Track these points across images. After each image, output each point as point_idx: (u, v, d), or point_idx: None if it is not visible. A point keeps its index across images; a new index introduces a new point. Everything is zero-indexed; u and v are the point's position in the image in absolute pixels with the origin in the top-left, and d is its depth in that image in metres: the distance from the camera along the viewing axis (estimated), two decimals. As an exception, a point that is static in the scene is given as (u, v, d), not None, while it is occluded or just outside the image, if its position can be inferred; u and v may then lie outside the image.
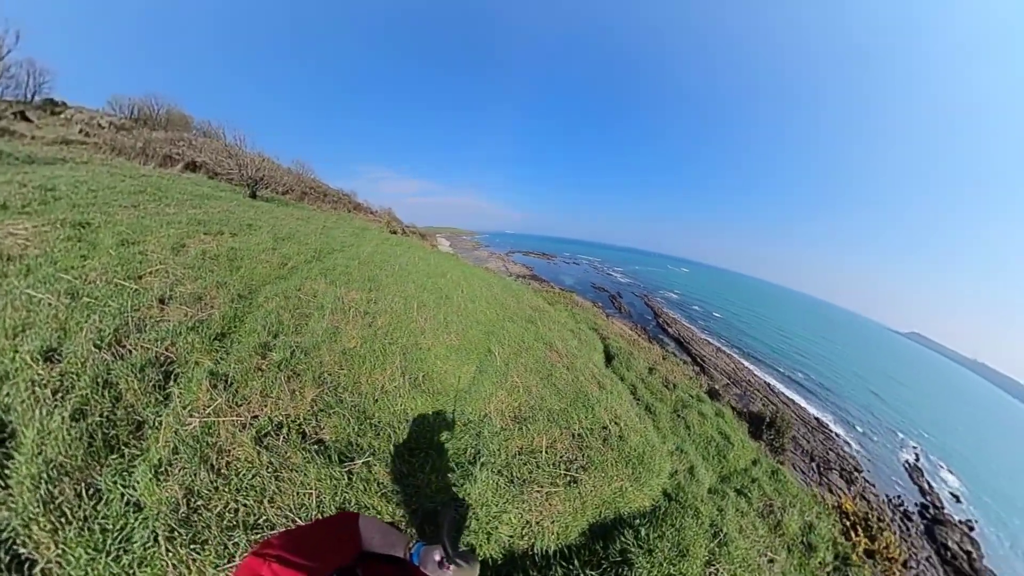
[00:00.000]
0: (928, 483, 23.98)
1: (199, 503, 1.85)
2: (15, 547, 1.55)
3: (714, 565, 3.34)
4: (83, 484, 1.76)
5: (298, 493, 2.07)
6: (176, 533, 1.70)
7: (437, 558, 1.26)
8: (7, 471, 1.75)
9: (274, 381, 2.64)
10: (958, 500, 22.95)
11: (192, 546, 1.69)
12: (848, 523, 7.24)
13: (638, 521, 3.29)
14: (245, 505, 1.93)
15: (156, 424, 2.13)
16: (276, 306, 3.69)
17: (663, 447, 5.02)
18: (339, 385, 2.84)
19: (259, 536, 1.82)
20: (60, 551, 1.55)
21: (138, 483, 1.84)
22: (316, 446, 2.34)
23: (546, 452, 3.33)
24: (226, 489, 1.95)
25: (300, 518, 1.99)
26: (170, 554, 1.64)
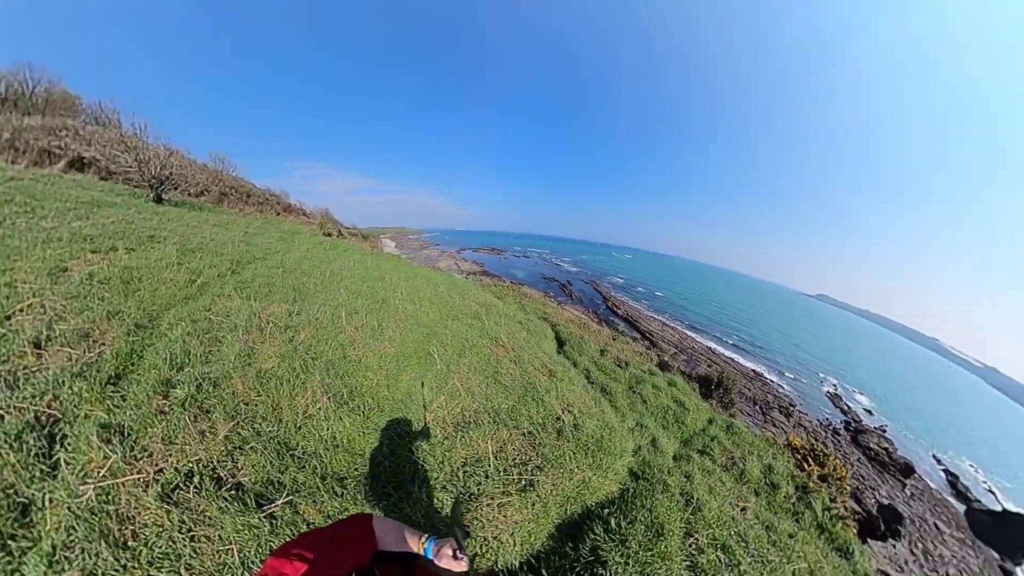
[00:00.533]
0: (847, 405, 32.12)
1: (105, 590, 1.57)
2: None
3: (693, 536, 3.30)
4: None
5: (217, 551, 1.83)
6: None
7: (450, 551, 1.27)
8: None
9: (179, 423, 2.31)
10: (871, 413, 31.54)
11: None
12: (799, 456, 7.98)
13: (607, 511, 3.20)
14: (159, 580, 1.68)
15: (45, 503, 1.79)
16: (182, 333, 3.25)
17: (623, 426, 5.08)
18: (256, 415, 2.55)
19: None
20: None
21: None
22: (233, 492, 2.08)
23: (495, 458, 3.14)
24: (135, 565, 1.68)
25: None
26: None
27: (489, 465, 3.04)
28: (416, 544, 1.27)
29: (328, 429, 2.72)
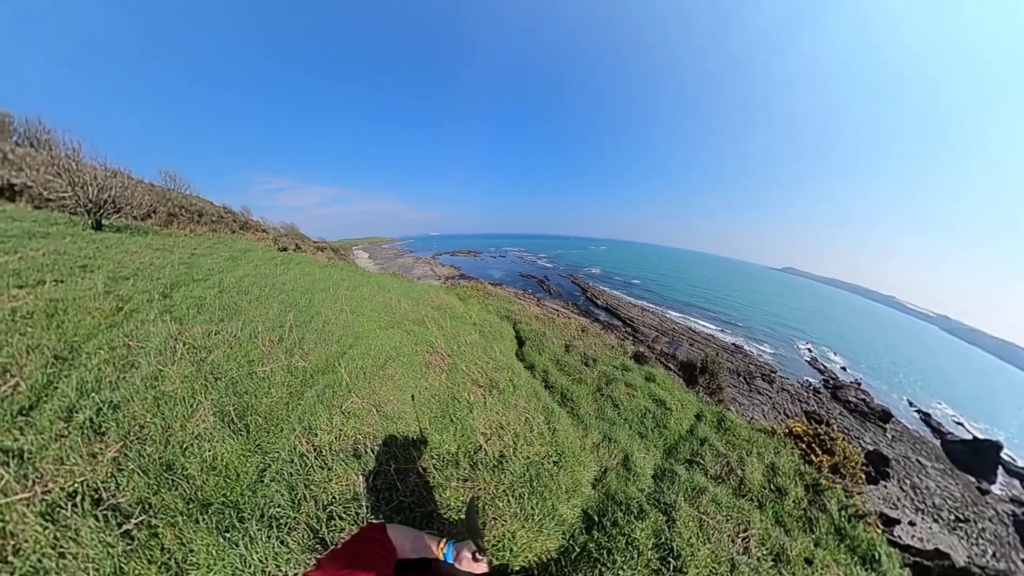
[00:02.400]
0: (823, 365, 35.35)
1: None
2: None
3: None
4: None
5: (78, 568, 1.91)
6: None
7: (469, 553, 1.29)
8: None
9: (72, 446, 2.39)
10: (845, 370, 34.89)
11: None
12: (804, 445, 7.01)
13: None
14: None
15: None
16: (99, 361, 3.30)
17: (584, 444, 4.54)
18: (147, 437, 2.62)
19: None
20: None
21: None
22: (110, 511, 2.17)
23: (378, 497, 2.60)
24: (11, 579, 1.80)
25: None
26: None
27: (363, 507, 2.51)
28: (435, 549, 1.29)
29: (211, 451, 2.64)
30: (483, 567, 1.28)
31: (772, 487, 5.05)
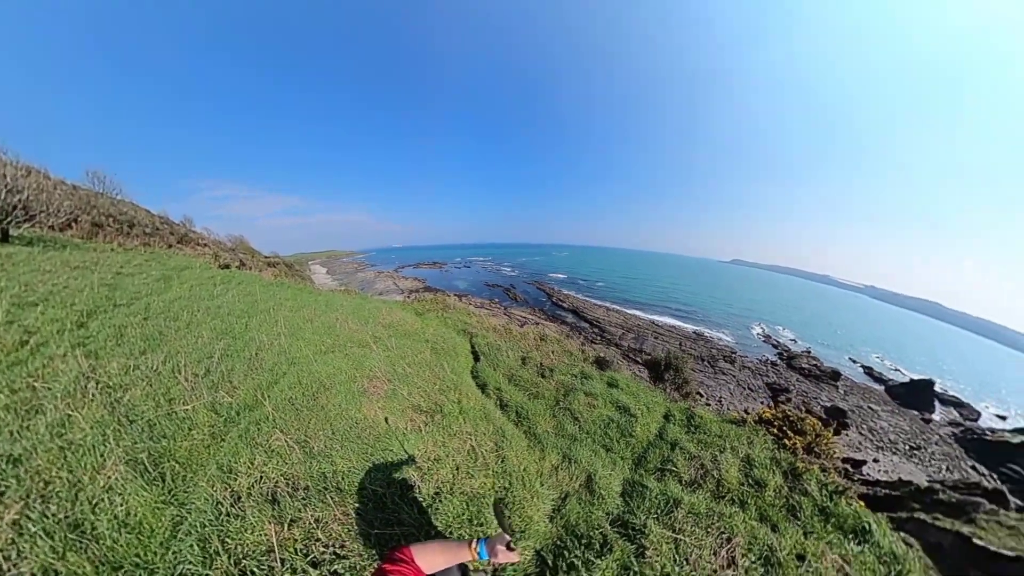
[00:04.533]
0: (776, 341, 40.46)
1: None
2: None
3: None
4: None
5: None
6: None
7: (503, 546, 1.38)
8: None
9: None
10: (795, 342, 39.98)
11: None
12: (775, 430, 6.92)
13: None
14: None
15: None
16: None
17: (541, 466, 4.32)
18: (53, 494, 2.39)
19: None
20: None
21: None
22: None
23: (291, 551, 2.37)
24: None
25: None
26: None
27: (277, 561, 2.30)
28: (468, 552, 1.36)
29: (123, 505, 2.41)
30: (517, 556, 1.41)
31: (750, 481, 4.89)
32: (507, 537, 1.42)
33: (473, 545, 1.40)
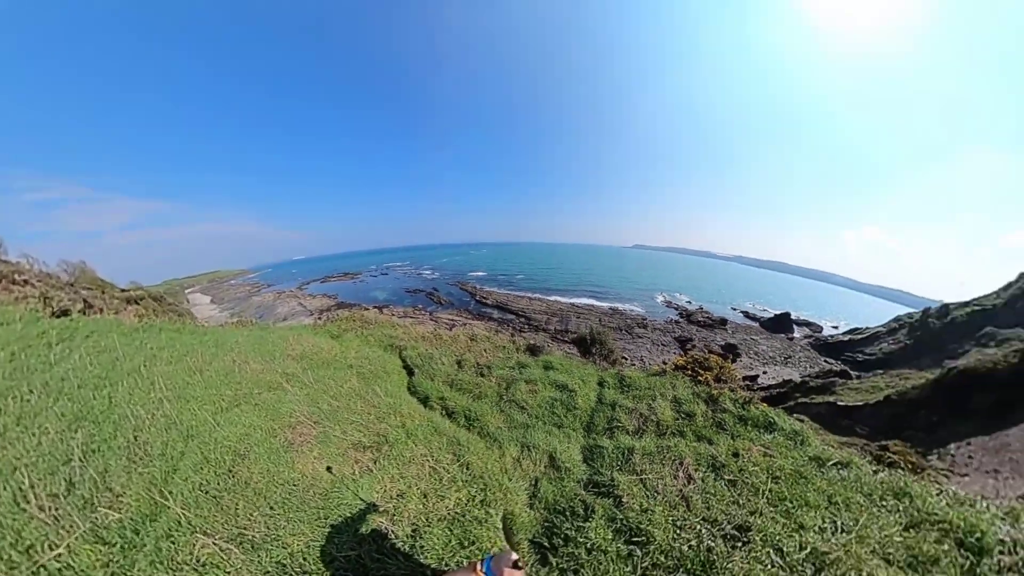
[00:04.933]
0: (676, 304, 50.95)
1: None
2: None
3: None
4: None
5: None
6: None
7: (509, 563, 1.36)
8: None
9: None
10: (691, 303, 52.04)
11: None
12: (690, 373, 8.04)
13: None
14: None
15: None
16: None
17: (503, 462, 4.27)
18: None
19: None
20: None
21: None
22: None
23: None
24: None
25: None
26: None
27: None
28: (475, 573, 1.35)
29: None
30: (523, 574, 1.38)
31: (682, 415, 5.80)
32: (513, 555, 1.41)
33: (479, 567, 1.40)
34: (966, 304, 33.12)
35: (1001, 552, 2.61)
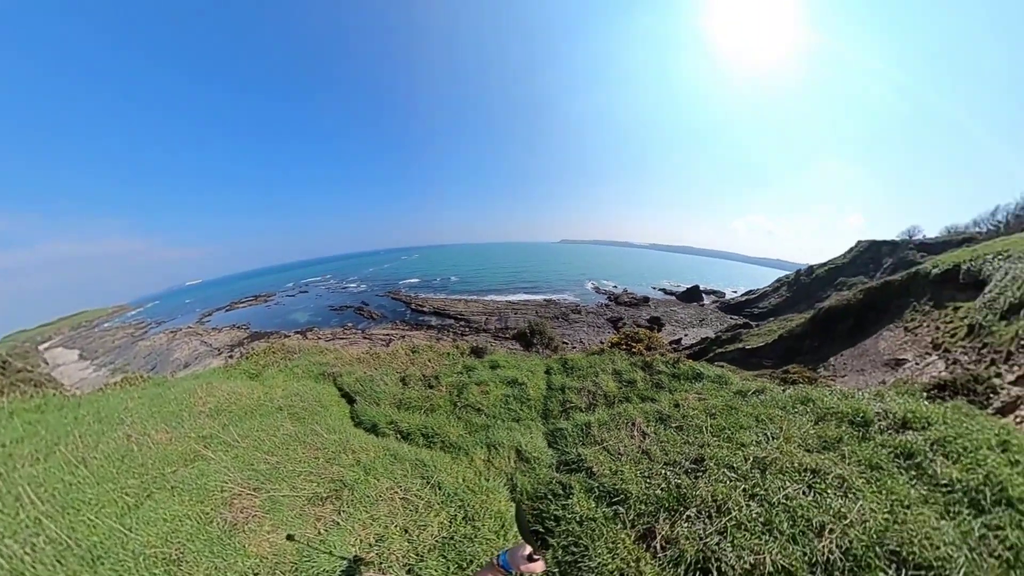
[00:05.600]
0: (604, 289, 57.58)
1: None
2: None
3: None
4: None
5: None
6: None
7: (525, 555, 1.38)
8: None
9: None
10: (616, 287, 58.86)
11: None
12: (624, 348, 8.88)
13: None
14: None
15: None
16: None
17: (475, 468, 4.31)
18: None
19: None
20: None
21: None
22: None
23: None
24: None
25: None
26: None
27: None
28: (497, 572, 1.38)
29: None
30: (541, 566, 1.38)
31: (625, 384, 6.54)
32: (527, 548, 1.40)
33: (495, 562, 1.42)
34: (824, 264, 48.54)
35: (878, 420, 3.66)
